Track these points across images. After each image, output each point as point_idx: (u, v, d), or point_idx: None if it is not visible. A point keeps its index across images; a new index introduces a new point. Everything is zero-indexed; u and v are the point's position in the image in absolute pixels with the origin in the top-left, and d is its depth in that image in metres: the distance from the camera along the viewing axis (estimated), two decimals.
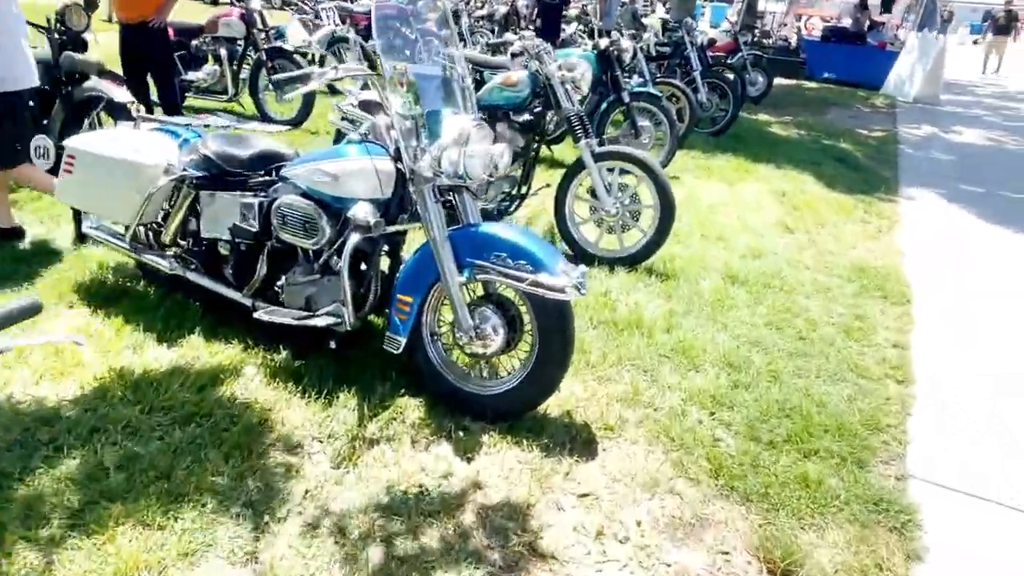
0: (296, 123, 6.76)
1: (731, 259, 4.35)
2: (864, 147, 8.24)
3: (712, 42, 10.52)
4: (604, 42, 5.85)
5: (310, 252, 2.79)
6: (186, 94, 7.10)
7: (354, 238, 2.56)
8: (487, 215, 4.34)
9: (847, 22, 17.76)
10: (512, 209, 4.42)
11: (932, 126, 10.25)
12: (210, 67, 6.85)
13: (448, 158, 2.41)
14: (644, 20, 8.78)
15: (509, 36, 4.16)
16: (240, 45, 6.86)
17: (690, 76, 7.67)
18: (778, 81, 11.86)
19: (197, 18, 7.22)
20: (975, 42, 18.39)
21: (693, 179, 6.08)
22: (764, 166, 6.70)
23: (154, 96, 5.70)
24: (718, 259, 4.34)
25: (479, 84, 4.38)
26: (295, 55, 6.65)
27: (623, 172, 4.10)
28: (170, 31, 6.03)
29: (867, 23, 16.03)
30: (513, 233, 2.51)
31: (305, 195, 2.71)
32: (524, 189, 4.39)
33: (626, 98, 5.82)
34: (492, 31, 13.27)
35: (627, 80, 7.19)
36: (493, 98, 4.22)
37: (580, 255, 4.17)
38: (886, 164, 7.52)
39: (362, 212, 2.55)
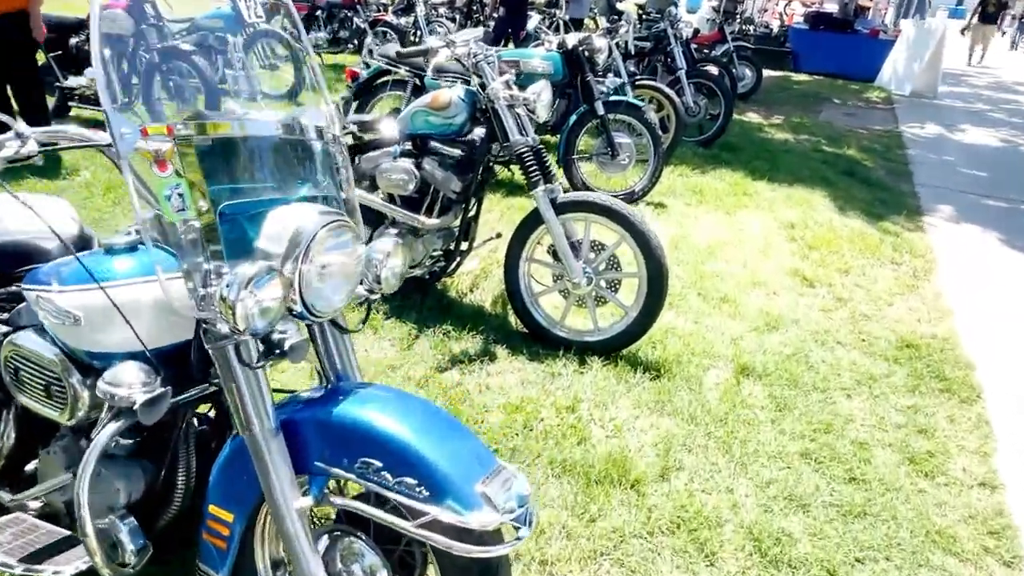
0: None
1: (741, 334, 3.28)
2: (870, 153, 7.22)
3: (696, 33, 9.44)
4: (572, 39, 4.73)
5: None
6: (69, 103, 5.87)
7: (109, 428, 1.43)
8: (418, 282, 3.22)
9: (831, 7, 16.81)
10: (451, 270, 3.31)
11: (936, 124, 9.28)
12: (93, 71, 5.60)
13: (257, 300, 1.27)
14: (619, 6, 7.60)
15: (432, 41, 3.02)
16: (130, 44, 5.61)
17: (674, 75, 6.58)
18: (764, 73, 10.83)
19: (77, 11, 5.96)
20: (963, 31, 17.46)
21: (683, 207, 5.00)
22: (764, 185, 5.64)
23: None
24: (725, 336, 3.26)
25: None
26: None
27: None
28: (43, 27, 4.82)
29: (854, 8, 15.07)
30: (398, 418, 1.38)
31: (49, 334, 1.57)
32: (465, 244, 3.27)
33: (600, 109, 4.71)
34: (453, 20, 12.08)
35: (601, 81, 6.10)
36: (417, 125, 3.09)
37: (540, 336, 3.08)
38: (899, 176, 6.51)
39: (124, 381, 1.41)
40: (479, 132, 3.03)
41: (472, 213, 3.23)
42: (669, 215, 4.80)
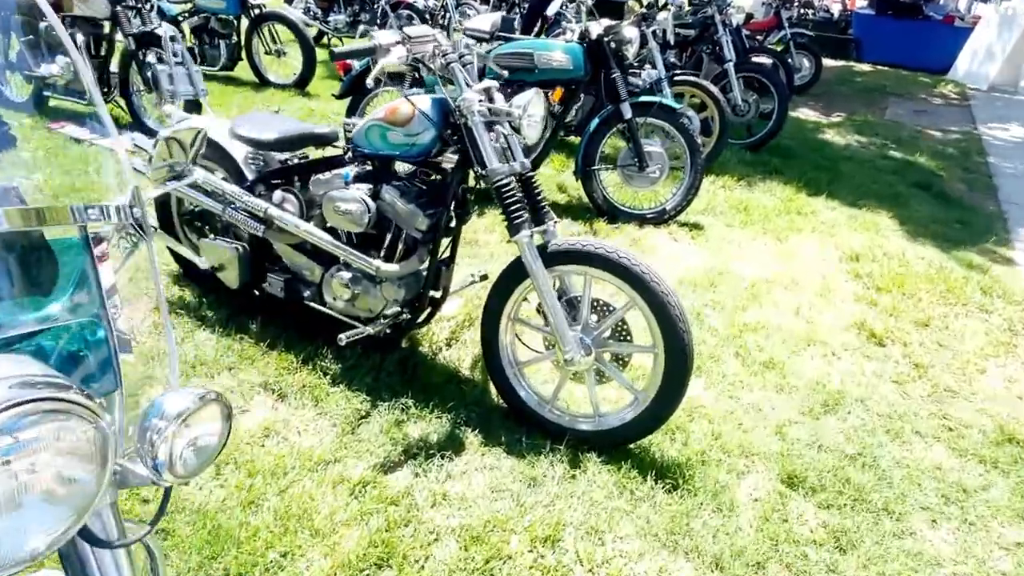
0: None
1: (789, 419, 2.54)
2: (946, 161, 6.27)
3: (748, 18, 8.51)
4: (597, 28, 3.97)
5: None
6: (43, 93, 5.34)
7: None
8: (376, 340, 2.57)
9: None
10: (419, 322, 2.63)
11: (1021, 125, 8.19)
12: (64, 59, 5.06)
13: None
14: None
15: (380, 36, 2.30)
16: (105, 27, 5.06)
17: (721, 68, 5.74)
18: (824, 63, 9.79)
19: None
20: None
21: (723, 229, 4.22)
22: (823, 202, 4.80)
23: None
24: (768, 421, 2.52)
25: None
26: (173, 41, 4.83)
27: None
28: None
29: None
30: None
31: None
32: (438, 293, 2.59)
33: (627, 112, 3.96)
34: (487, 2, 11.32)
35: (636, 74, 5.31)
36: (373, 143, 2.41)
37: (524, 418, 2.39)
38: (981, 190, 5.58)
39: None
40: (452, 155, 2.34)
41: (446, 254, 2.55)
42: (706, 240, 4.03)
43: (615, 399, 2.48)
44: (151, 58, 4.90)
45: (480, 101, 2.18)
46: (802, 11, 12.44)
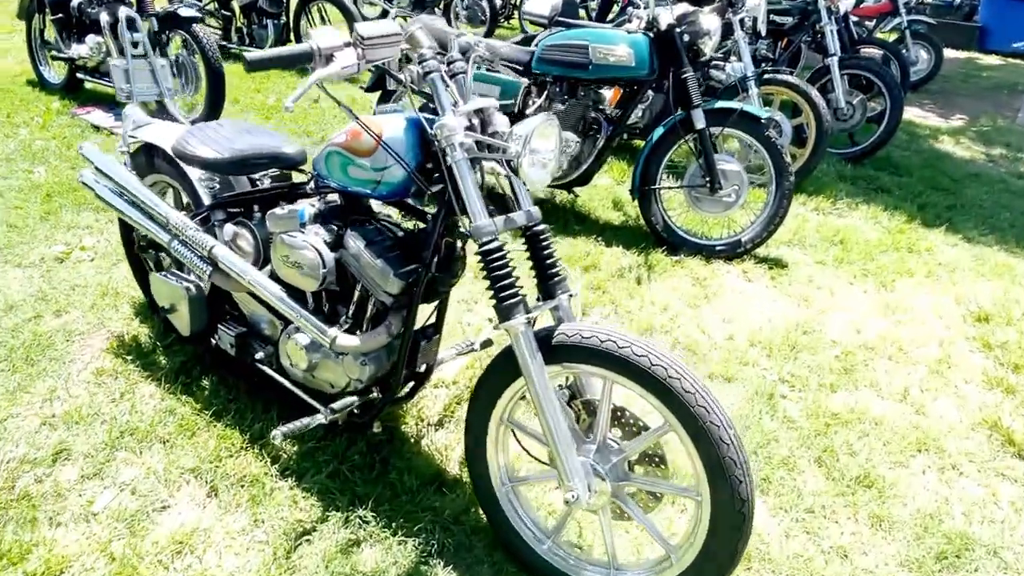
0: None
1: (886, 574, 1.83)
2: None
3: (859, 2, 7.45)
4: (668, 17, 3.24)
5: None
6: (77, 75, 5.04)
7: None
8: (336, 426, 2.00)
9: None
10: (398, 398, 2.04)
11: None
12: (95, 38, 4.72)
13: None
14: None
15: (317, 38, 1.67)
16: (132, 4, 4.67)
17: (822, 64, 4.85)
18: (944, 55, 8.54)
19: None
20: None
21: (812, 267, 3.43)
22: (941, 235, 3.91)
23: None
24: None
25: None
26: (196, 23, 4.38)
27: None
28: None
29: None
30: None
31: None
32: (420, 367, 1.98)
33: (699, 121, 3.24)
34: None
35: (720, 67, 4.53)
36: (333, 174, 1.81)
37: (515, 555, 1.77)
38: None
39: None
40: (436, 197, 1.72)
41: (431, 321, 1.94)
42: (789, 282, 3.27)
43: (639, 544, 1.83)
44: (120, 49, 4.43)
45: (467, 130, 1.55)
46: None
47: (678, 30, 3.21)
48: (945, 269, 3.51)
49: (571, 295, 1.69)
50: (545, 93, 3.51)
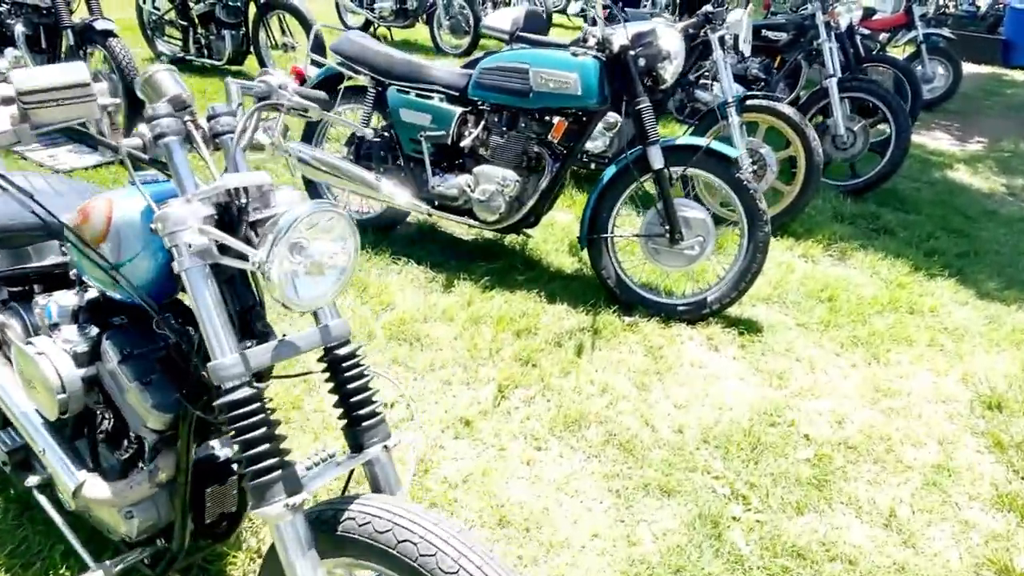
0: None
1: None
2: None
3: (870, 13, 6.89)
4: (620, 37, 2.75)
5: None
6: None
7: None
8: None
9: None
10: (202, 548, 1.55)
11: None
12: (12, 51, 4.31)
13: None
14: None
15: (40, 75, 1.19)
16: (49, 17, 4.24)
17: (819, 87, 4.31)
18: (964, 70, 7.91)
19: None
20: None
21: (792, 333, 2.90)
22: (950, 288, 3.36)
23: None
24: None
25: None
26: (111, 37, 3.95)
27: None
28: None
29: None
30: None
31: None
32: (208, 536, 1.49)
33: (656, 160, 2.74)
34: None
35: (708, 88, 4.04)
36: (78, 265, 1.33)
37: None
38: None
39: None
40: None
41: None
42: (762, 352, 2.74)
43: None
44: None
45: (208, 221, 1.06)
46: (941, 2, 10.41)
47: (632, 53, 2.71)
48: (952, 336, 2.97)
49: (389, 446, 1.20)
50: (482, 123, 3.02)
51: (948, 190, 4.75)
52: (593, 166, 4.05)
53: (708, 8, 3.50)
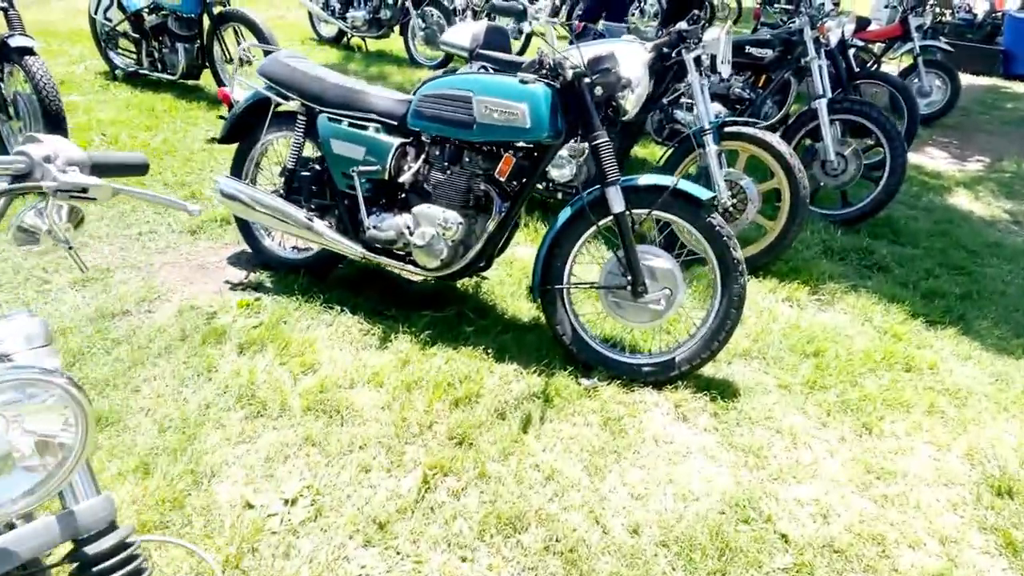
0: None
1: None
2: None
3: (863, 25, 6.57)
4: (573, 63, 2.40)
5: None
6: None
7: None
8: None
9: None
10: None
11: None
12: None
13: None
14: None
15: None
16: None
17: (807, 108, 3.97)
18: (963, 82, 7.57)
19: None
20: None
21: (771, 397, 2.54)
22: (950, 341, 3.01)
23: None
24: None
25: None
26: (28, 55, 3.59)
27: None
28: None
29: None
30: None
31: None
32: None
33: (615, 204, 2.40)
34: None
35: (688, 109, 3.74)
36: None
37: None
38: None
39: None
40: None
41: None
42: (737, 422, 2.39)
43: None
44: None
45: None
46: (937, 11, 10.06)
47: (587, 80, 2.36)
48: (954, 399, 2.61)
49: None
50: (423, 156, 2.67)
51: (947, 218, 4.41)
52: (560, 196, 3.70)
53: (682, 26, 3.15)
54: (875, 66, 7.14)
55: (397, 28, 7.56)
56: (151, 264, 3.14)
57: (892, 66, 7.46)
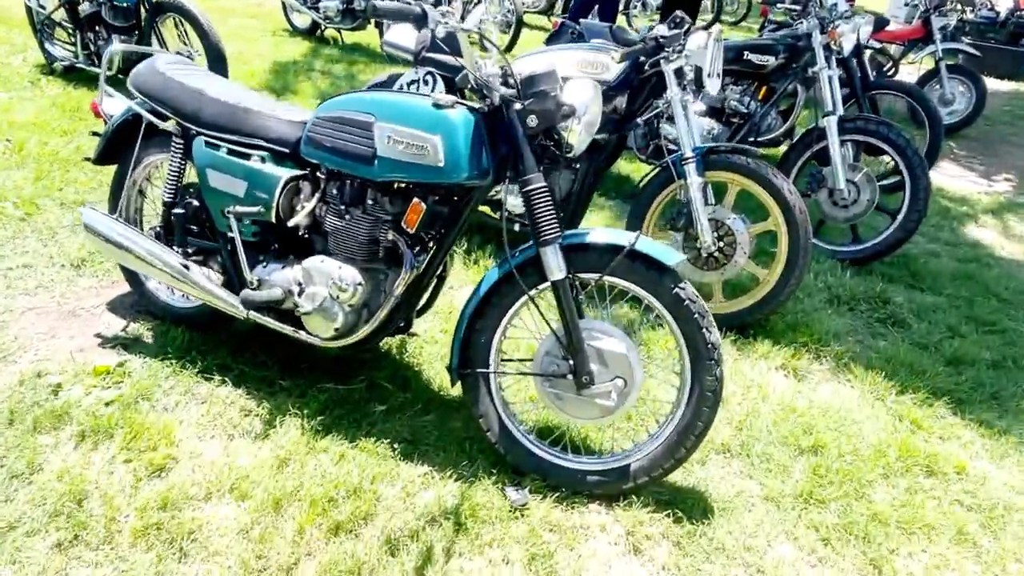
0: None
1: None
2: None
3: (882, 25, 5.93)
4: (502, 82, 1.82)
5: None
6: None
7: None
8: None
9: None
10: None
11: None
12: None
13: None
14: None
15: None
16: None
17: (815, 127, 3.38)
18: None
19: None
20: None
21: (755, 505, 1.97)
22: (978, 427, 2.43)
23: None
24: None
25: None
26: None
27: None
28: None
29: None
30: None
31: None
32: None
33: (554, 270, 1.82)
34: None
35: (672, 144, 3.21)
36: None
37: None
38: None
39: None
40: None
41: None
42: (707, 548, 1.83)
43: None
44: None
45: None
46: (959, 8, 9.35)
47: (517, 107, 1.78)
48: (986, 519, 2.04)
49: None
50: (317, 194, 2.10)
51: (974, 256, 3.81)
52: (518, 227, 3.12)
53: (661, 30, 2.56)
54: (893, 71, 6.54)
55: (373, 20, 6.97)
56: (11, 310, 2.59)
57: (910, 70, 6.84)
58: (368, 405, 2.24)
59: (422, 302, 2.24)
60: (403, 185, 1.99)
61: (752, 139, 3.76)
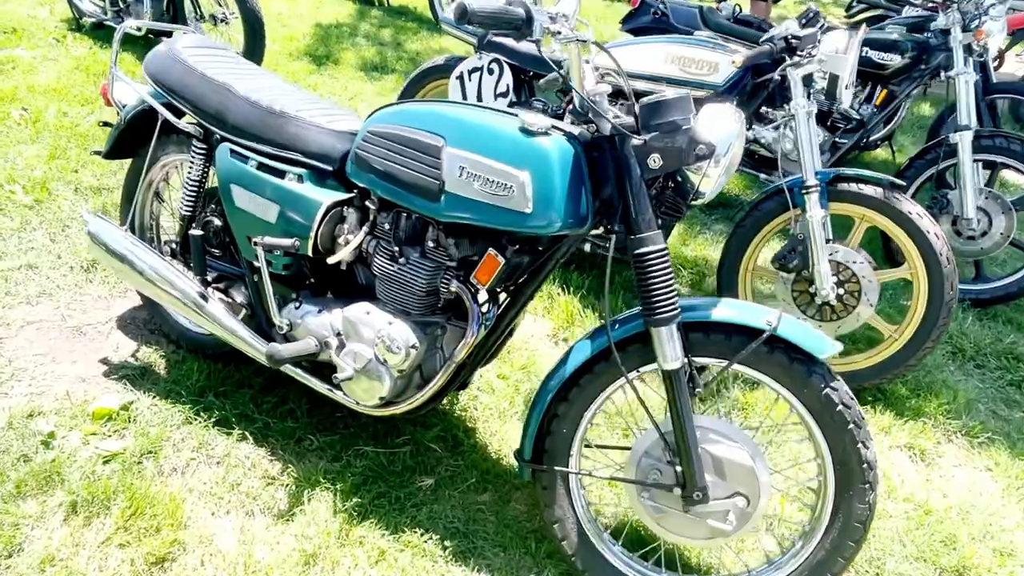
0: None
1: None
2: None
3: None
4: (611, 107, 1.35)
5: None
6: None
7: None
8: None
9: None
10: None
11: None
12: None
13: None
14: None
15: None
16: None
17: (942, 141, 2.86)
18: None
19: None
20: None
21: None
22: None
23: None
24: None
25: None
26: None
27: None
28: None
29: None
30: None
31: None
32: None
33: (669, 358, 1.39)
34: None
35: (772, 121, 2.76)
36: None
37: None
38: None
39: None
40: None
41: None
42: None
43: None
44: None
45: None
46: None
47: (635, 142, 1.34)
48: None
49: None
50: (366, 225, 1.69)
51: None
52: (589, 247, 2.68)
53: (792, 27, 2.07)
54: (998, 64, 5.85)
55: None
56: (8, 323, 2.25)
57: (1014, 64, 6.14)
58: (413, 477, 1.86)
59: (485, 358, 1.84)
60: (472, 230, 1.57)
61: (858, 148, 3.25)
